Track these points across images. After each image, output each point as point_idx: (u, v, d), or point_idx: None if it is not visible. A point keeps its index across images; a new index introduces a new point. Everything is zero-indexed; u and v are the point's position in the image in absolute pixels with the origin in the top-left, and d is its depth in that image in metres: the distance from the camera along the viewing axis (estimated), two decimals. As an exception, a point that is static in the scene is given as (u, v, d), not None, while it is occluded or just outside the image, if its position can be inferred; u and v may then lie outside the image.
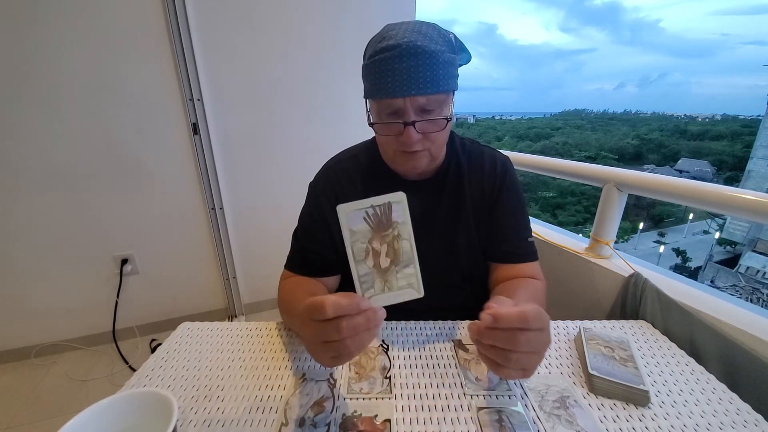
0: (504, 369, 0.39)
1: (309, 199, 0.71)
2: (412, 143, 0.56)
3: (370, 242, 0.38)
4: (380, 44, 0.54)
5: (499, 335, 0.38)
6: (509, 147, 33.56)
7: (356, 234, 0.38)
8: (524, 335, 0.37)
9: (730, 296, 0.75)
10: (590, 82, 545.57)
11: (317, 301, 0.37)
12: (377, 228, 0.38)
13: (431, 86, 0.53)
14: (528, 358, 0.38)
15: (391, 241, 0.38)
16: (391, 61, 0.52)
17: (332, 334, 0.37)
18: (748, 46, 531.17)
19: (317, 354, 0.40)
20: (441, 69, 0.53)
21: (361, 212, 0.38)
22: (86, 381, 1.49)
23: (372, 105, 0.59)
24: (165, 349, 0.62)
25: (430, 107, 0.55)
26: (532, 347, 0.38)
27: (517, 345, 0.37)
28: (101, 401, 0.40)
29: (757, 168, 19.95)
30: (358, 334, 0.37)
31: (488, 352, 0.39)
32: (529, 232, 0.70)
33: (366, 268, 0.39)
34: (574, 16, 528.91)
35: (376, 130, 0.60)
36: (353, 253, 0.38)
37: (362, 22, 1.69)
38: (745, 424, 0.47)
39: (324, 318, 0.37)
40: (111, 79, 1.41)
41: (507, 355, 0.38)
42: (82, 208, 1.51)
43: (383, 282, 0.39)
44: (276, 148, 1.74)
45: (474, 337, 0.40)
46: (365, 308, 0.37)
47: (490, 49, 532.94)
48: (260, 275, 1.89)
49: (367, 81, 0.58)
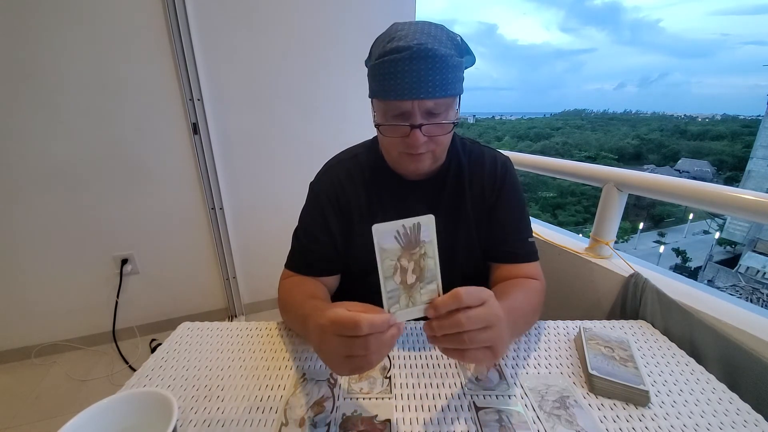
0: (466, 353, 0.40)
1: (309, 199, 0.71)
2: (418, 146, 0.56)
3: (399, 260, 0.40)
4: (389, 45, 0.53)
5: (443, 322, 0.39)
6: (509, 147, 33.55)
7: (386, 252, 0.40)
8: (464, 313, 0.38)
9: (730, 296, 0.75)
10: (590, 82, 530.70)
11: (348, 318, 0.38)
12: (406, 246, 0.40)
13: (440, 90, 0.53)
14: (481, 334, 0.39)
15: (417, 259, 0.41)
16: (400, 63, 0.52)
17: (359, 350, 0.38)
18: (748, 46, 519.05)
19: (337, 366, 0.40)
20: (449, 73, 0.53)
21: (393, 231, 0.40)
22: (86, 381, 1.49)
23: (378, 105, 0.59)
24: (165, 349, 0.62)
25: (437, 111, 0.55)
26: (478, 323, 0.39)
27: (460, 324, 0.38)
28: (101, 401, 0.40)
29: (757, 168, 19.95)
30: (382, 349, 0.38)
31: (444, 343, 0.40)
32: (530, 233, 0.70)
33: (393, 284, 0.40)
34: (574, 16, 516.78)
35: (381, 131, 0.60)
36: (383, 270, 0.40)
37: (362, 22, 1.69)
38: (745, 424, 0.47)
39: (358, 335, 0.37)
40: (111, 79, 1.41)
41: (459, 337, 0.39)
42: (82, 208, 1.52)
43: (408, 297, 0.41)
44: (276, 148, 1.74)
45: (429, 334, 0.40)
46: (393, 322, 0.39)
47: (490, 49, 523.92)
48: (260, 275, 1.89)
49: (374, 81, 0.57)
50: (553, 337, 0.65)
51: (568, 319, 0.69)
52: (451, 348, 0.40)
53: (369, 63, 0.59)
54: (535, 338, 0.64)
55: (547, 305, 0.66)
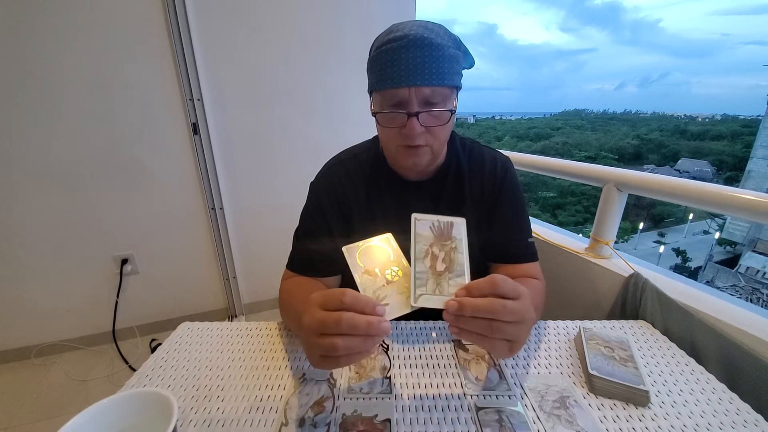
0: (489, 340, 0.38)
1: (310, 198, 0.71)
2: (415, 135, 0.56)
3: (431, 246, 0.44)
4: (387, 36, 0.55)
5: (479, 304, 0.37)
6: (509, 147, 33.56)
7: (421, 237, 0.44)
8: (501, 302, 0.37)
9: (730, 296, 0.75)
10: (590, 82, 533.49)
11: (337, 290, 0.38)
12: (439, 236, 0.45)
13: (436, 78, 0.53)
14: (511, 328, 0.37)
15: (448, 251, 0.44)
16: (397, 51, 0.53)
17: (330, 326, 0.36)
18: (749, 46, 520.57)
19: (309, 348, 0.39)
20: (446, 62, 0.54)
21: (429, 222, 0.46)
22: (86, 381, 1.50)
23: (376, 98, 0.59)
24: (165, 349, 0.62)
25: (434, 100, 0.55)
26: (511, 315, 0.37)
27: (495, 311, 0.37)
28: (101, 401, 0.40)
29: (757, 168, 19.95)
30: (352, 336, 0.36)
31: (469, 325, 0.38)
32: (530, 233, 0.70)
33: (423, 266, 0.43)
34: (574, 16, 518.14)
35: (378, 120, 0.59)
36: (415, 251, 0.43)
37: (362, 22, 1.69)
38: (745, 424, 0.47)
39: (338, 305, 0.37)
40: (111, 79, 1.41)
41: (488, 324, 0.37)
42: (82, 207, 1.52)
43: (436, 284, 0.42)
44: (276, 148, 1.74)
45: (454, 312, 0.38)
46: (379, 314, 0.37)
47: (490, 49, 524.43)
48: (260, 275, 1.89)
49: (372, 73, 0.58)
50: (553, 337, 0.65)
51: (568, 319, 0.69)
52: (472, 331, 0.38)
53: (369, 58, 0.60)
54: (535, 338, 0.64)
55: (547, 305, 0.66)
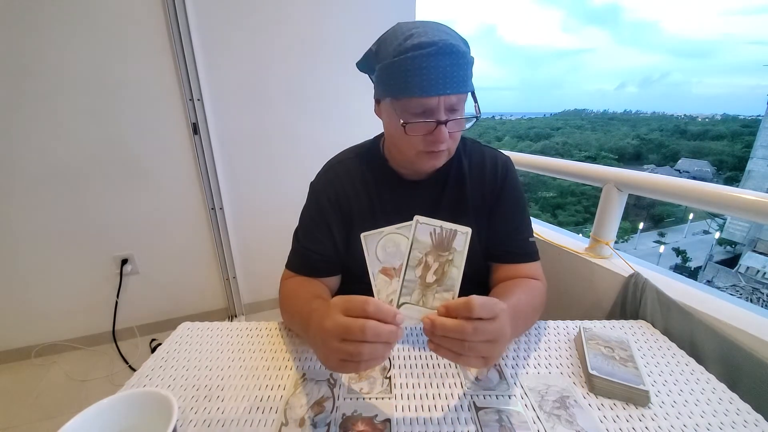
0: (461, 357, 0.39)
1: (310, 198, 0.71)
2: (442, 142, 0.56)
3: (426, 255, 0.42)
4: (409, 42, 0.52)
5: (448, 325, 0.38)
6: (509, 147, 33.54)
7: (418, 243, 0.42)
8: (472, 324, 0.38)
9: (730, 296, 0.75)
10: (590, 82, 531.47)
11: (359, 297, 0.38)
12: (437, 246, 0.42)
13: (462, 85, 0.54)
14: (484, 346, 0.39)
15: (443, 263, 0.42)
16: (426, 58, 0.51)
17: (355, 333, 0.37)
18: (749, 46, 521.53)
19: (328, 354, 0.39)
20: (468, 69, 0.55)
21: (430, 228, 0.42)
22: (86, 381, 1.49)
23: (395, 104, 0.56)
24: (165, 349, 0.62)
25: (458, 107, 0.56)
26: (483, 336, 0.38)
27: (465, 332, 0.38)
28: (101, 401, 0.40)
29: (757, 168, 19.96)
30: (377, 343, 0.37)
31: (442, 342, 0.39)
32: (530, 233, 0.70)
33: (413, 275, 0.41)
34: (575, 17, 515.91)
35: (407, 130, 0.56)
36: (408, 258, 0.41)
37: (362, 22, 1.69)
38: (745, 424, 0.47)
39: (363, 313, 0.37)
40: (111, 79, 1.41)
41: (459, 343, 0.38)
42: (82, 207, 1.51)
43: (421, 294, 0.42)
44: (276, 148, 1.74)
45: (428, 329, 0.39)
46: (398, 323, 0.38)
47: (490, 50, 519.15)
48: (260, 275, 1.89)
49: (392, 79, 0.55)
50: (553, 337, 0.65)
51: (568, 319, 0.69)
52: (445, 348, 0.39)
53: (381, 62, 0.57)
54: (535, 338, 0.64)
55: (547, 305, 0.66)
